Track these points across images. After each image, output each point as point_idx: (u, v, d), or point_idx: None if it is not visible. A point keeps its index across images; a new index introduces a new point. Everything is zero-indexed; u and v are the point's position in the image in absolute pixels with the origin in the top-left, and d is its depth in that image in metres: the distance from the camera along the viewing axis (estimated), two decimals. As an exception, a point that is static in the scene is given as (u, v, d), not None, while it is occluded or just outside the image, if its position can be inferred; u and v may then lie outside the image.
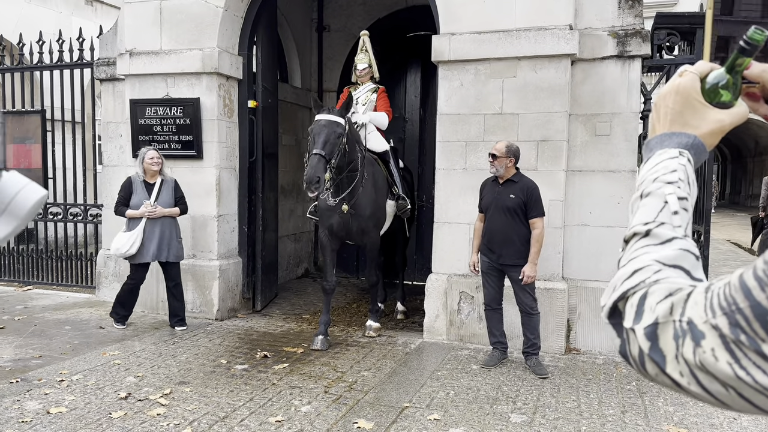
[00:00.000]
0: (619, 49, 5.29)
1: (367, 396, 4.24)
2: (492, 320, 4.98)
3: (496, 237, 4.75)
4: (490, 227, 4.80)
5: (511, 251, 4.71)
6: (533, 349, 4.81)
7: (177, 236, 5.80)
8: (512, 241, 4.70)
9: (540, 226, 4.69)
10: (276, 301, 7.32)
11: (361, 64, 6.05)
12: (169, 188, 5.81)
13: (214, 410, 3.95)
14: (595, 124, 5.40)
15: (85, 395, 4.16)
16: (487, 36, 5.35)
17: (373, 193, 5.52)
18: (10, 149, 7.93)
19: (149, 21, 6.45)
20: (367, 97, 6.03)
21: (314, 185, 4.75)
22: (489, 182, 4.93)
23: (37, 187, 1.26)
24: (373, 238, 5.64)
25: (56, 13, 12.43)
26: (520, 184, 4.72)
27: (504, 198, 4.72)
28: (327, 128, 4.98)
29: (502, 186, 4.77)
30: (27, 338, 5.58)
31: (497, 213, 4.74)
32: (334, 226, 5.50)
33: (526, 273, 4.63)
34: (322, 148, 4.89)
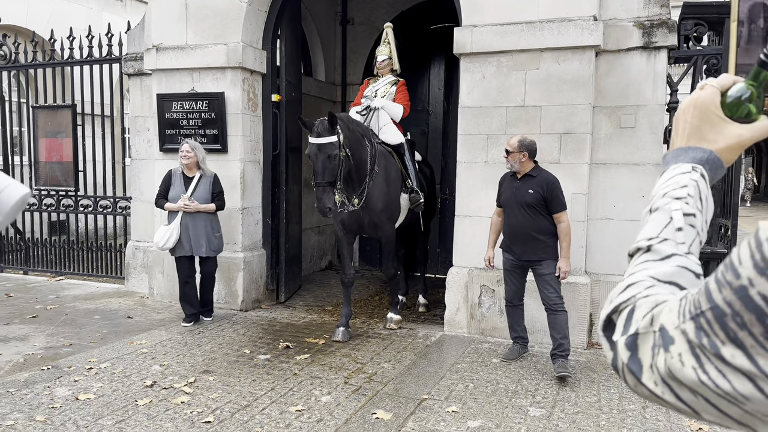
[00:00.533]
0: (644, 40, 5.20)
1: (387, 387, 4.28)
2: (513, 316, 4.91)
3: (517, 233, 4.64)
4: (509, 223, 4.69)
5: (534, 246, 4.59)
6: (561, 351, 4.53)
7: (215, 231, 5.77)
8: (533, 237, 4.58)
9: (565, 220, 4.57)
10: (299, 293, 7.41)
11: (381, 56, 6.08)
12: (207, 183, 5.76)
13: (236, 399, 4.03)
14: (619, 117, 5.33)
15: (112, 383, 4.28)
16: (510, 28, 5.31)
17: (385, 186, 5.51)
18: (43, 143, 8.14)
19: (175, 16, 6.55)
20: (386, 89, 6.04)
21: (328, 215, 4.99)
22: (507, 177, 4.82)
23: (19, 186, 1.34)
24: (387, 231, 5.64)
25: (87, 9, 12.68)
26: (538, 179, 4.60)
27: (522, 193, 4.61)
28: (322, 153, 4.95)
29: (521, 181, 4.66)
30: (58, 327, 5.74)
31: (516, 209, 4.64)
32: (346, 220, 5.54)
33: (561, 269, 4.51)
34: (323, 176, 4.93)
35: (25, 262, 8.49)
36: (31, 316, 6.12)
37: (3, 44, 8.35)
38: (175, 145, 6.58)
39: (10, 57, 8.31)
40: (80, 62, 7.80)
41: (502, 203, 4.80)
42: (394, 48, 6.09)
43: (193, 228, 5.68)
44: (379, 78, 6.17)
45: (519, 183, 4.66)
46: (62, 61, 7.93)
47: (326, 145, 4.99)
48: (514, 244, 4.69)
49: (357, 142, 5.29)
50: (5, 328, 5.69)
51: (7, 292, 7.24)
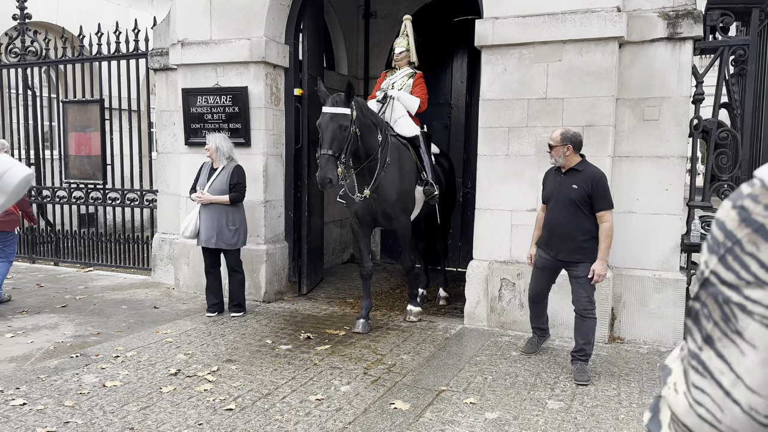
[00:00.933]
0: (669, 30, 5.13)
1: (405, 378, 4.31)
2: (535, 311, 4.80)
3: (556, 231, 4.39)
4: (550, 220, 4.44)
5: (572, 247, 4.33)
6: (581, 355, 4.40)
7: (229, 224, 5.74)
8: (573, 236, 4.31)
9: (609, 220, 4.26)
10: (321, 285, 7.48)
11: (399, 48, 6.08)
12: (225, 175, 5.79)
13: (257, 387, 4.10)
14: (643, 109, 5.27)
15: (138, 370, 4.39)
16: (532, 19, 5.28)
17: (397, 178, 5.48)
18: (72, 137, 8.33)
19: (200, 11, 6.64)
20: (403, 82, 6.05)
21: (327, 186, 4.92)
22: (552, 172, 4.57)
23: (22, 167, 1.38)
24: (402, 223, 5.60)
25: (115, 5, 12.91)
26: (584, 174, 4.31)
27: (566, 189, 4.32)
28: (332, 123, 4.96)
29: (565, 176, 4.38)
30: (86, 316, 5.90)
31: (558, 205, 4.37)
32: (359, 212, 5.56)
33: (596, 272, 4.25)
34: (330, 146, 4.92)
35: (56, 254, 8.72)
36: (60, 305, 6.29)
37: (34, 40, 8.55)
38: (200, 138, 6.68)
39: (41, 53, 8.51)
40: (108, 58, 7.96)
41: (545, 198, 4.58)
42: (412, 40, 6.09)
43: (207, 219, 5.76)
44: (397, 70, 6.18)
45: (563, 178, 4.40)
46: (90, 57, 8.10)
47: (339, 115, 5.00)
48: (551, 242, 4.44)
49: (367, 129, 5.27)
50: (36, 316, 5.86)
51: (38, 282, 7.45)
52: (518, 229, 5.48)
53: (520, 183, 5.46)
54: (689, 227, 5.48)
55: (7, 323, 5.61)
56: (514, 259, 5.50)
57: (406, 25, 6.10)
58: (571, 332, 5.21)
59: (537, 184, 5.38)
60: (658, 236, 5.27)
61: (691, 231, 5.43)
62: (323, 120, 5.02)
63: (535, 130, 5.37)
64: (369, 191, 5.35)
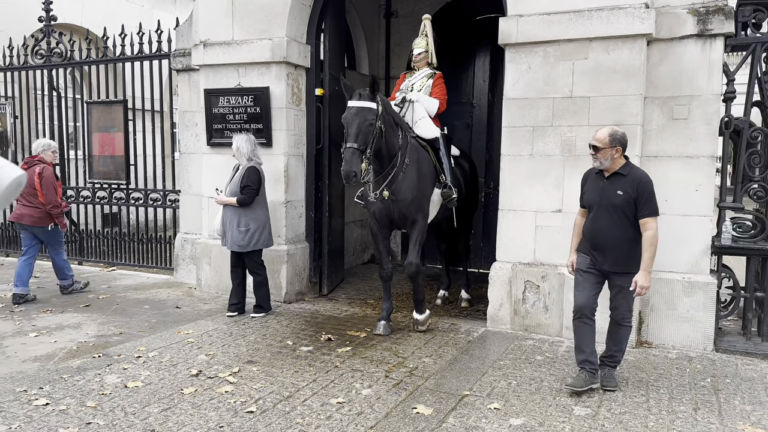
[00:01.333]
0: (699, 27, 4.99)
1: (427, 382, 4.25)
2: (583, 333, 4.18)
3: (600, 240, 4.07)
4: (593, 228, 4.12)
5: (617, 256, 4.03)
6: (611, 362, 4.24)
7: (240, 225, 5.71)
8: (618, 245, 4.02)
9: (653, 227, 3.95)
10: (342, 286, 7.44)
11: (418, 49, 6.00)
12: (240, 176, 5.80)
13: (278, 389, 4.07)
14: (672, 107, 5.13)
15: (159, 371, 4.38)
16: (557, 17, 5.18)
17: (415, 179, 5.38)
18: (96, 137, 8.40)
19: (222, 12, 6.64)
20: (422, 83, 5.96)
21: (352, 179, 4.85)
22: (592, 175, 4.22)
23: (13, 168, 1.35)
24: (419, 224, 5.47)
25: (139, 7, 13.03)
26: (629, 178, 4.00)
27: (610, 195, 4.03)
28: (358, 117, 4.92)
29: (608, 180, 4.07)
30: (109, 316, 5.93)
31: (602, 212, 4.05)
32: (377, 213, 5.47)
33: (639, 283, 3.94)
34: (355, 140, 4.87)
35: (80, 253, 8.81)
36: (84, 305, 6.33)
37: (59, 42, 8.65)
38: (222, 139, 6.70)
39: (66, 54, 8.60)
40: (131, 59, 8.01)
41: (585, 203, 4.24)
42: (431, 41, 5.99)
43: (224, 220, 5.85)
44: (416, 71, 6.09)
45: (606, 183, 4.07)
46: (114, 58, 8.17)
47: (365, 109, 4.96)
48: (594, 250, 4.12)
49: (390, 127, 5.23)
50: (60, 316, 5.91)
51: (62, 281, 7.52)
52: (542, 231, 5.39)
53: (545, 183, 5.36)
54: (720, 229, 5.32)
55: (31, 322, 5.66)
56: (539, 261, 5.40)
57: (425, 25, 6.02)
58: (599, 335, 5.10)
59: (562, 184, 5.29)
60: (688, 238, 5.13)
61: (722, 233, 5.28)
62: (348, 114, 4.98)
63: (561, 129, 5.26)
64: (387, 192, 5.28)
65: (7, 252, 9.39)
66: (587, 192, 4.22)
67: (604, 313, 4.30)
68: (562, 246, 5.29)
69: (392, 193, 5.28)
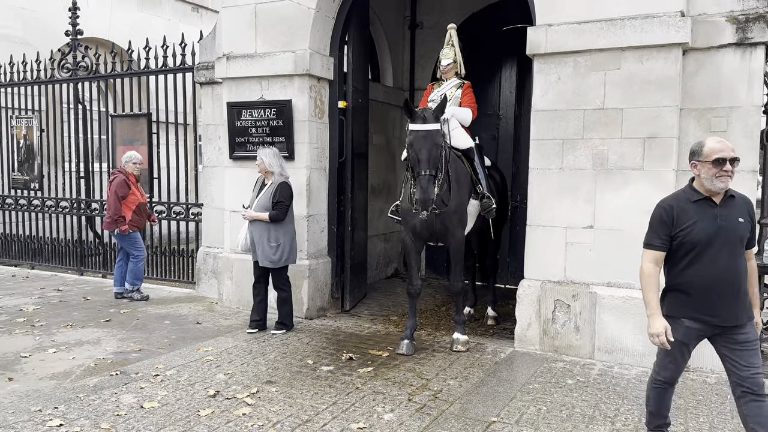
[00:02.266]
0: (738, 36, 4.77)
1: (452, 407, 4.06)
2: (665, 398, 3.34)
3: (725, 287, 3.02)
4: (708, 273, 3.03)
5: (744, 303, 3.07)
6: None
7: (270, 240, 5.64)
8: (743, 289, 3.07)
9: (752, 257, 3.22)
10: (364, 301, 7.29)
11: (445, 60, 5.85)
12: (270, 191, 5.70)
13: (297, 412, 3.93)
14: (709, 120, 4.91)
15: (177, 391, 4.27)
16: (588, 26, 5.00)
17: (456, 190, 5.26)
18: (120, 151, 8.40)
19: (245, 24, 6.59)
20: (451, 93, 5.81)
21: (429, 207, 4.80)
22: (689, 204, 3.10)
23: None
24: (457, 238, 5.36)
25: (165, 21, 13.15)
26: (739, 201, 3.12)
27: (733, 225, 3.04)
28: (428, 141, 4.80)
29: (722, 207, 3.07)
30: (129, 331, 5.86)
31: (721, 249, 3.02)
32: (417, 226, 5.31)
33: (759, 324, 3.19)
34: (428, 167, 4.77)
35: (104, 266, 8.80)
36: (105, 320, 6.28)
37: (85, 56, 8.71)
38: (245, 152, 6.63)
39: (92, 68, 8.66)
40: (155, 72, 8.02)
41: (694, 242, 3.04)
42: (458, 50, 5.85)
43: (252, 235, 5.75)
44: (444, 82, 5.95)
45: (721, 210, 3.06)
46: (139, 71, 8.18)
47: (433, 132, 4.86)
48: (714, 305, 3.03)
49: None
50: (80, 331, 5.85)
51: (84, 295, 7.50)
52: (573, 248, 5.18)
53: (575, 198, 5.15)
54: (761, 247, 5.06)
55: (51, 337, 5.61)
56: (569, 279, 5.19)
57: (451, 34, 5.88)
58: (633, 358, 4.90)
59: (593, 199, 5.09)
60: (727, 256, 4.87)
61: (764, 251, 5.01)
62: (415, 137, 4.85)
63: (592, 142, 5.07)
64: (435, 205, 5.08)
65: (32, 264, 9.44)
66: (695, 227, 3.04)
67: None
68: (594, 264, 5.10)
69: (435, 205, 5.12)
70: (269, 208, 5.66)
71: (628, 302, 4.94)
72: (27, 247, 9.57)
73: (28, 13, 11.12)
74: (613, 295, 5.00)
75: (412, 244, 5.47)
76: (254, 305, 5.90)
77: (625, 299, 4.96)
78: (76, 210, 9.02)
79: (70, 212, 9.09)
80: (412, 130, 4.90)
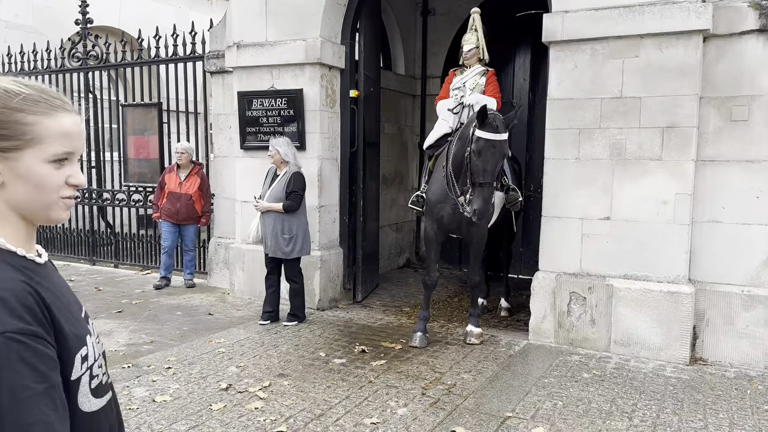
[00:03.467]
0: (761, 22, 4.63)
1: (467, 401, 4.01)
2: None
3: None
4: None
5: None
6: None
7: (284, 232, 5.58)
8: None
9: None
10: (376, 292, 7.25)
11: (468, 45, 5.65)
12: (283, 182, 5.64)
13: (310, 407, 3.89)
14: (730, 108, 4.78)
15: (188, 384, 4.25)
16: (606, 12, 4.87)
17: None
18: (131, 140, 8.39)
19: (255, 12, 6.51)
20: (475, 81, 5.63)
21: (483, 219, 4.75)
22: None
23: None
24: (482, 230, 5.26)
25: (175, 9, 13.05)
26: None
27: None
28: (497, 152, 4.66)
29: None
30: (141, 323, 5.85)
31: None
32: (445, 218, 5.20)
33: None
34: (492, 178, 4.70)
35: (116, 256, 8.82)
36: (117, 310, 6.28)
37: (95, 45, 8.67)
38: (256, 142, 6.58)
39: (102, 57, 8.62)
40: (165, 61, 7.96)
41: None
42: (482, 35, 5.66)
43: (265, 226, 5.70)
44: (466, 69, 5.77)
45: None
46: (149, 60, 8.13)
47: (503, 143, 4.72)
48: None
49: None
50: (93, 322, 5.84)
51: (97, 285, 7.51)
52: (589, 239, 5.09)
53: (592, 189, 5.06)
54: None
55: (64, 328, 5.61)
56: (585, 271, 5.11)
57: (475, 19, 5.67)
58: (649, 351, 4.83)
59: (610, 190, 4.99)
60: (747, 248, 4.77)
61: None
62: (485, 147, 4.64)
63: (609, 131, 4.96)
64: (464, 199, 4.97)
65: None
66: None
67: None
68: (611, 256, 5.02)
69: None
70: (282, 199, 5.60)
71: (645, 295, 4.86)
72: (39, 236, 9.60)
73: (38, 2, 11.08)
74: (630, 288, 4.92)
75: (434, 236, 5.37)
76: (266, 296, 5.87)
77: (642, 292, 4.88)
78: (88, 200, 9.02)
79: (82, 202, 9.10)
80: (481, 138, 4.66)
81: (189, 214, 7.25)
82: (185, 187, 7.22)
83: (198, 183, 7.27)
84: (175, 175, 7.24)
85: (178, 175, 7.24)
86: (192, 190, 7.23)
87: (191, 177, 7.25)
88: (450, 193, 5.07)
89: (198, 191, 7.27)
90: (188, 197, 7.21)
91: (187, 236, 7.43)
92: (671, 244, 4.81)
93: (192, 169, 7.28)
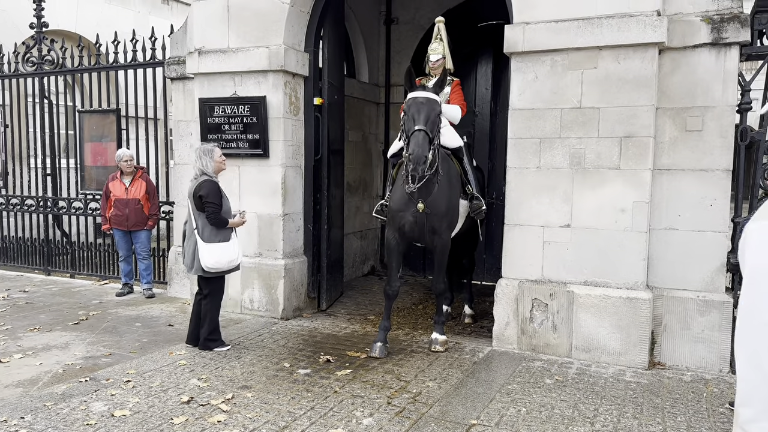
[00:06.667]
0: (713, 35, 4.79)
1: (432, 410, 4.02)
2: None
3: None
4: None
5: None
6: None
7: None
8: None
9: None
10: (341, 300, 7.22)
11: (435, 55, 5.68)
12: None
13: (274, 419, 3.84)
14: (685, 119, 4.93)
15: (149, 397, 4.15)
16: (565, 24, 4.98)
17: (447, 191, 5.14)
18: (88, 147, 8.18)
19: (217, 19, 6.43)
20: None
21: (421, 165, 4.59)
22: None
23: None
24: (444, 240, 5.27)
25: (134, 13, 12.82)
26: None
27: None
28: (427, 105, 4.75)
29: None
30: (99, 335, 5.69)
31: None
32: (406, 227, 5.16)
33: None
34: (425, 123, 4.68)
35: (72, 266, 8.57)
36: (73, 322, 6.09)
37: (51, 49, 8.43)
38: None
39: (58, 62, 8.39)
40: (124, 66, 7.80)
41: None
42: (446, 45, 5.72)
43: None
44: (432, 78, 5.81)
45: None
46: (107, 66, 7.95)
47: (432, 100, 4.80)
48: None
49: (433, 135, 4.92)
50: (48, 335, 5.67)
51: (52, 296, 7.28)
52: (550, 247, 5.17)
53: (552, 197, 5.15)
54: (735, 245, 5.12)
55: (17, 342, 5.42)
56: (546, 278, 5.19)
57: (440, 28, 5.72)
58: (609, 356, 4.92)
59: (570, 198, 5.09)
60: (702, 255, 4.92)
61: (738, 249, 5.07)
62: (414, 103, 4.78)
63: (569, 141, 5.06)
64: (423, 204, 4.99)
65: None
66: None
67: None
68: (571, 262, 5.11)
69: (427, 205, 5.02)
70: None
71: (604, 301, 4.96)
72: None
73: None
74: (590, 294, 5.02)
75: (396, 245, 5.33)
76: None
77: (602, 298, 4.97)
78: (43, 208, 8.76)
79: (36, 210, 8.83)
80: (413, 96, 4.83)
81: (138, 219, 7.17)
82: (132, 192, 7.13)
83: (144, 187, 7.19)
84: (119, 182, 7.14)
85: (122, 181, 7.14)
86: (140, 194, 7.17)
87: (136, 182, 7.16)
88: (411, 200, 5.07)
89: (145, 195, 7.19)
90: (136, 201, 7.14)
91: (139, 243, 7.29)
92: (629, 251, 4.92)
93: (135, 173, 7.18)
